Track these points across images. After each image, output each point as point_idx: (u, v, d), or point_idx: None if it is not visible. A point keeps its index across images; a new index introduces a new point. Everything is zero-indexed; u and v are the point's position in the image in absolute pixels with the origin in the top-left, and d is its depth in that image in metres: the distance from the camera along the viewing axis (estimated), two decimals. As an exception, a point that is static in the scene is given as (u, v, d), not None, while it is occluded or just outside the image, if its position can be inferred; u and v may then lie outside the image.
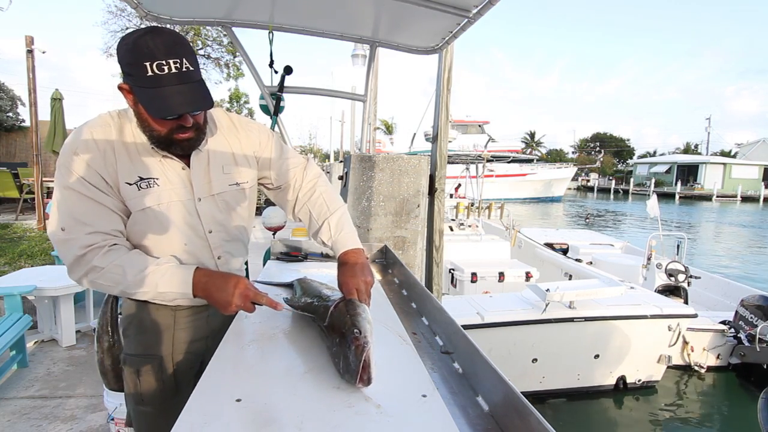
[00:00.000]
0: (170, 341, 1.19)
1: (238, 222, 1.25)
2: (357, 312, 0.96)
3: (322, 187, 1.32)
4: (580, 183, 49.94)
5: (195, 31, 16.23)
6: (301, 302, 1.16)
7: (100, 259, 0.99)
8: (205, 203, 1.15)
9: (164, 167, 1.09)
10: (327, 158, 25.10)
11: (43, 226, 7.80)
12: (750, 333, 4.37)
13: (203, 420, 0.70)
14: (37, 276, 3.42)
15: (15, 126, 12.41)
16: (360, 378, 0.80)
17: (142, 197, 1.05)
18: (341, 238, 1.22)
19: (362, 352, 0.83)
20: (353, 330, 0.89)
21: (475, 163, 8.91)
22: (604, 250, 7.62)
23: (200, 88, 0.98)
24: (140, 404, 1.20)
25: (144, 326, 1.18)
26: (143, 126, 1.03)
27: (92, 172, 1.00)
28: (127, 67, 0.94)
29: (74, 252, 0.99)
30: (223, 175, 1.18)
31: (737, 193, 34.87)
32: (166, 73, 0.92)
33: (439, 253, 3.07)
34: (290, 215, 1.38)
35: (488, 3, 1.83)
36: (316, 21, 2.45)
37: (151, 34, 0.93)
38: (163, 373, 1.18)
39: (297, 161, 1.34)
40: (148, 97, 0.94)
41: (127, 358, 1.21)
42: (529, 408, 0.71)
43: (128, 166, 1.04)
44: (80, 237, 0.99)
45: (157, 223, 1.08)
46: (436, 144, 3.02)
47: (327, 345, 0.97)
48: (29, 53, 7.54)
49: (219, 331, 1.14)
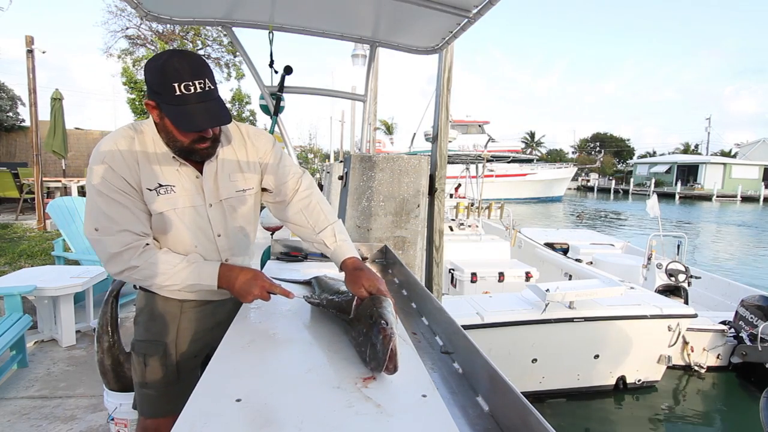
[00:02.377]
0: (175, 330, 1.30)
1: (243, 226, 1.37)
2: (383, 305, 1.02)
3: (318, 197, 1.44)
4: (580, 183, 49.92)
5: (195, 31, 16.23)
6: (321, 298, 1.23)
7: (136, 259, 1.13)
8: (215, 209, 1.27)
9: (180, 175, 1.20)
10: (327, 158, 25.08)
11: (43, 226, 7.80)
12: (752, 332, 4.37)
13: (203, 420, 0.70)
14: (37, 276, 3.42)
15: (15, 126, 12.41)
16: (386, 367, 0.84)
17: (161, 202, 1.17)
18: (344, 246, 1.33)
19: (389, 341, 0.87)
20: (380, 321, 0.94)
21: (475, 163, 8.91)
22: (604, 250, 7.62)
23: (220, 105, 1.11)
24: (144, 387, 1.31)
25: (153, 314, 1.29)
26: (168, 137, 1.15)
27: (120, 179, 1.12)
28: (156, 86, 1.06)
29: (110, 250, 1.12)
30: (230, 183, 1.29)
31: (737, 193, 34.85)
32: (192, 92, 1.05)
33: (439, 253, 3.07)
34: (280, 217, 1.46)
35: (488, 3, 1.83)
36: (316, 21, 2.45)
37: (179, 57, 1.06)
38: (167, 359, 1.29)
39: (296, 170, 1.44)
40: (176, 113, 1.07)
41: (136, 344, 1.32)
42: (529, 408, 0.71)
43: (149, 173, 1.16)
44: (114, 235, 1.12)
45: (172, 225, 1.20)
46: (436, 144, 3.02)
47: (352, 335, 1.02)
48: (29, 53, 7.54)
49: (224, 323, 1.22)
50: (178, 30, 16.11)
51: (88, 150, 12.60)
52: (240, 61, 16.53)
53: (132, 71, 11.37)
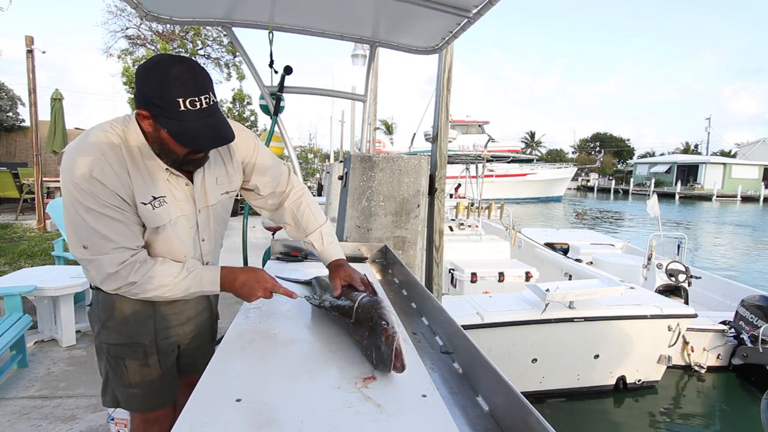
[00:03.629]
0: (152, 329, 1.27)
1: (222, 228, 1.39)
2: (381, 306, 1.04)
3: (308, 198, 1.48)
4: (580, 183, 49.90)
5: (195, 31, 16.23)
6: (323, 299, 1.25)
7: (134, 275, 1.09)
8: (203, 214, 1.26)
9: (170, 185, 1.16)
10: (327, 158, 25.09)
11: (42, 226, 7.80)
12: (753, 334, 4.36)
13: (203, 420, 0.70)
14: (37, 276, 3.41)
15: (15, 126, 12.41)
16: (394, 366, 0.86)
17: (156, 215, 1.13)
18: (331, 248, 1.41)
19: (393, 341, 0.89)
20: (381, 322, 0.95)
21: (475, 163, 8.90)
22: (604, 250, 7.61)
23: (222, 121, 1.07)
24: (129, 388, 1.28)
25: (125, 317, 1.24)
26: (161, 148, 1.09)
27: (112, 195, 1.05)
28: (156, 99, 0.99)
29: (107, 270, 1.07)
30: (217, 187, 1.27)
31: (737, 193, 34.84)
32: (198, 108, 1.00)
33: (439, 253, 3.07)
34: (270, 216, 1.50)
35: (488, 3, 1.83)
36: (316, 21, 2.45)
37: (180, 67, 0.99)
38: (147, 359, 1.27)
39: (283, 169, 1.45)
40: (177, 129, 1.01)
41: (111, 348, 1.26)
42: (529, 408, 0.71)
43: (142, 186, 1.10)
44: (109, 254, 1.07)
45: (165, 235, 1.18)
46: (436, 144, 3.02)
47: (356, 339, 1.02)
48: (29, 53, 7.54)
49: (193, 318, 1.37)
50: (178, 30, 16.10)
51: (88, 150, 12.58)
52: (240, 61, 16.51)
53: (132, 71, 11.36)
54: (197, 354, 1.39)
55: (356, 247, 2.23)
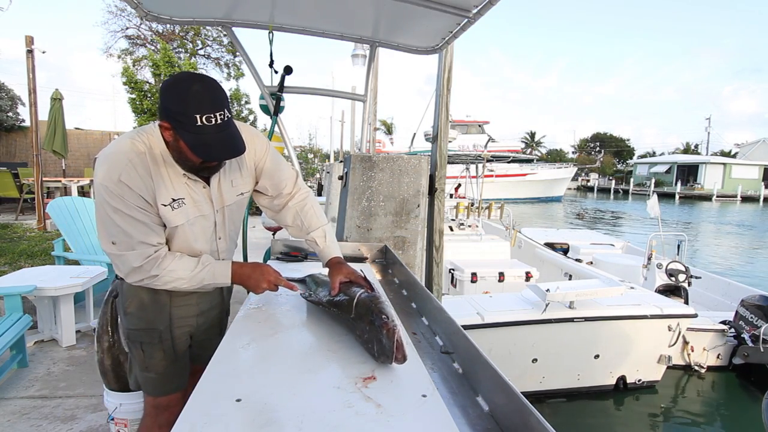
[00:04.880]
0: (168, 317, 1.39)
1: (237, 227, 1.50)
2: (380, 300, 1.07)
3: (312, 201, 1.56)
4: (580, 183, 49.88)
5: (195, 31, 16.23)
6: (320, 295, 1.28)
7: (156, 269, 1.23)
8: (219, 214, 1.37)
9: (189, 188, 1.28)
10: (327, 158, 25.06)
11: (42, 226, 7.79)
12: (753, 333, 4.36)
13: (203, 420, 0.70)
14: (37, 276, 3.41)
15: (15, 126, 12.40)
16: (395, 357, 0.88)
17: (175, 216, 1.25)
18: (332, 246, 1.49)
19: (393, 333, 0.91)
20: (381, 316, 0.97)
21: (475, 163, 8.90)
22: (604, 250, 7.61)
23: (236, 135, 1.17)
24: (145, 371, 1.41)
25: (144, 304, 1.36)
26: (179, 156, 1.20)
27: (137, 197, 1.18)
28: (176, 114, 1.11)
29: (132, 264, 1.21)
30: (232, 188, 1.38)
31: (737, 193, 34.83)
32: (213, 124, 1.11)
33: (439, 253, 3.07)
34: (274, 218, 1.59)
35: (488, 3, 1.83)
36: (316, 21, 2.45)
37: (200, 85, 1.10)
38: (163, 344, 1.39)
39: (291, 172, 1.55)
40: (194, 141, 1.12)
41: (131, 333, 1.39)
42: (529, 408, 0.71)
43: (163, 189, 1.22)
44: (134, 249, 1.20)
45: (184, 235, 1.30)
46: (436, 144, 3.02)
47: (357, 334, 1.05)
48: (29, 53, 7.53)
49: (207, 311, 1.49)
50: (178, 30, 16.11)
51: (88, 150, 12.59)
52: (240, 61, 16.52)
53: (132, 71, 11.35)
54: (207, 346, 1.45)
55: (356, 247, 2.23)
